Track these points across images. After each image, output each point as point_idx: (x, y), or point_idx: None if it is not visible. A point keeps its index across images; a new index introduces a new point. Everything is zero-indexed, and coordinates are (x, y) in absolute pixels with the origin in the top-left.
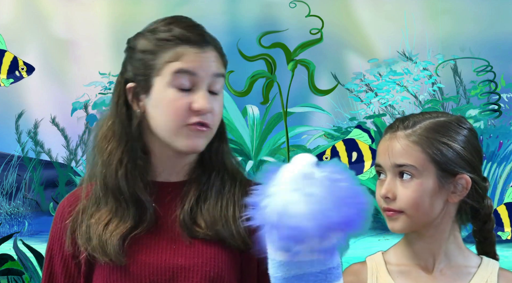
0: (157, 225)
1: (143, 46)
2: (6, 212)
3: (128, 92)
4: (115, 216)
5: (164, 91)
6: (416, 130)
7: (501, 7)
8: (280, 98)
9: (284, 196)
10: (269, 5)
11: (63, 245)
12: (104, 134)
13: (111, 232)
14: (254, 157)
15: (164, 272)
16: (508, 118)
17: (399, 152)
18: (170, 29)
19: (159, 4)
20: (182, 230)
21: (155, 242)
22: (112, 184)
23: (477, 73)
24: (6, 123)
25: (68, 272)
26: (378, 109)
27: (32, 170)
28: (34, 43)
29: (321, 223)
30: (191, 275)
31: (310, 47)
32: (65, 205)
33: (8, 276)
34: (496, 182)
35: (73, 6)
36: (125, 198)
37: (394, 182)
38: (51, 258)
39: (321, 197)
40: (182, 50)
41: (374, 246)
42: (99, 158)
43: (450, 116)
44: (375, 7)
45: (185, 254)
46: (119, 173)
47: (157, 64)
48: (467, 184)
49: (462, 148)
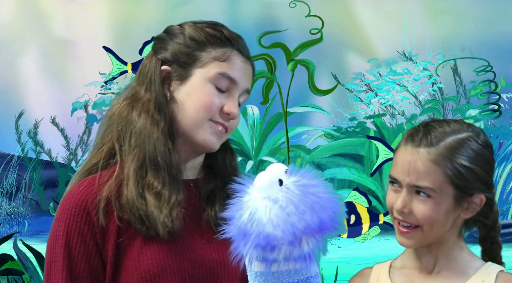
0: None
1: (192, 34)
2: (6, 212)
3: (161, 73)
4: (164, 188)
5: (203, 84)
6: (439, 148)
7: (501, 7)
8: (280, 98)
9: (254, 205)
10: (269, 5)
11: (87, 237)
12: (142, 101)
13: (168, 201)
14: (254, 157)
15: (200, 266)
16: (508, 118)
17: (421, 173)
18: (221, 29)
19: (159, 4)
20: (207, 225)
21: (186, 234)
22: (163, 151)
23: (477, 73)
24: (6, 123)
25: (91, 265)
26: (378, 109)
27: (32, 170)
28: (34, 43)
29: (289, 229)
30: (226, 270)
31: (310, 47)
32: (81, 193)
33: (8, 276)
34: (496, 182)
35: (73, 6)
36: (176, 174)
37: (410, 197)
38: (70, 253)
39: (289, 203)
40: (231, 54)
41: (374, 246)
42: (136, 122)
43: (469, 131)
44: (375, 7)
45: (217, 249)
46: (168, 145)
47: (203, 56)
48: (481, 202)
49: (480, 169)
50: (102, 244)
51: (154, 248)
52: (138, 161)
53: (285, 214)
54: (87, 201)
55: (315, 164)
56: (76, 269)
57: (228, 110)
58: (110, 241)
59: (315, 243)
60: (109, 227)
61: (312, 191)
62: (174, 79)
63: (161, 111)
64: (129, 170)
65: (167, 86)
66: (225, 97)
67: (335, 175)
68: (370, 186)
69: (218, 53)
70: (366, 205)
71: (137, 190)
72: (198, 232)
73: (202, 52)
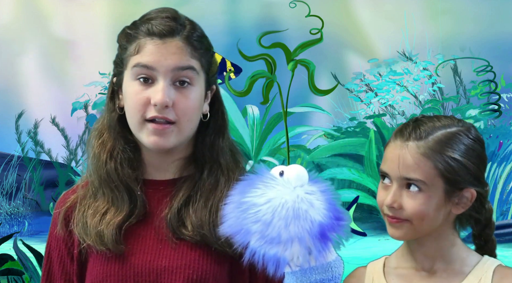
0: (146, 223)
1: (119, 40)
2: (6, 212)
3: (112, 87)
4: (112, 205)
5: (129, 85)
6: (428, 142)
7: (501, 7)
8: (280, 98)
9: (291, 196)
10: (269, 5)
11: (60, 242)
12: (98, 129)
13: (108, 222)
14: (254, 157)
15: (148, 273)
16: (508, 118)
17: (411, 166)
18: (139, 22)
19: (159, 4)
20: (168, 230)
21: (142, 239)
22: (103, 174)
23: (477, 73)
24: (6, 123)
25: (65, 269)
26: (378, 109)
27: (32, 170)
28: (34, 43)
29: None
30: (174, 277)
31: (310, 47)
32: (61, 200)
33: (8, 276)
34: (496, 182)
35: (73, 6)
36: (117, 185)
37: (400, 192)
38: (49, 255)
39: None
40: (143, 42)
41: (374, 246)
42: (91, 151)
43: (459, 125)
44: (375, 7)
45: (170, 256)
46: (110, 164)
47: (125, 58)
48: (472, 197)
49: (471, 163)
50: (72, 246)
51: (103, 256)
52: (88, 188)
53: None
54: (62, 208)
55: (315, 164)
56: (52, 271)
57: (153, 101)
58: (75, 248)
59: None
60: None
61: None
62: (119, 88)
63: (111, 129)
64: (79, 197)
65: (118, 97)
66: (152, 88)
67: (335, 175)
68: (370, 186)
69: (131, 48)
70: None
71: (86, 212)
72: (154, 236)
73: (124, 54)
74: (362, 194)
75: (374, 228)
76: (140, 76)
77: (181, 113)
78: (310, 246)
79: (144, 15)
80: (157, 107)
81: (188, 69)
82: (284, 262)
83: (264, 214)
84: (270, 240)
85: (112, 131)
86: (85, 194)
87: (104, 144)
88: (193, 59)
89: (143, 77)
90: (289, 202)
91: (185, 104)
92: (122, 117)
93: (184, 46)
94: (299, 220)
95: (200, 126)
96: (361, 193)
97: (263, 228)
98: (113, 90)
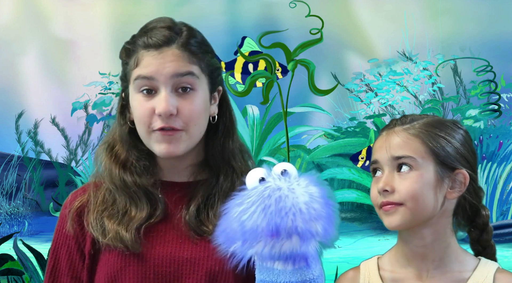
0: (165, 222)
1: (121, 56)
2: (6, 212)
3: (121, 101)
4: (131, 207)
5: (134, 99)
6: (414, 125)
7: (501, 7)
8: (280, 98)
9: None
10: (269, 5)
11: (69, 239)
12: (108, 142)
13: (127, 223)
14: (254, 157)
15: (169, 264)
16: (508, 118)
17: (398, 144)
18: (137, 36)
19: (159, 4)
20: (188, 229)
21: (162, 234)
22: (118, 182)
23: (477, 73)
24: (6, 123)
25: (73, 265)
26: (378, 109)
27: (32, 170)
28: (34, 43)
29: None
30: (195, 269)
31: (310, 47)
32: (71, 199)
33: (8, 276)
34: (496, 182)
35: (73, 6)
36: (135, 191)
37: (392, 175)
38: (55, 252)
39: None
40: (140, 55)
41: (374, 246)
42: (102, 164)
43: (447, 119)
44: (375, 7)
45: (191, 248)
46: (125, 174)
47: (127, 72)
48: (465, 179)
49: (460, 145)
50: (83, 242)
51: (120, 249)
52: (101, 190)
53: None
54: (71, 206)
55: (315, 164)
56: (58, 268)
57: (157, 110)
58: (88, 244)
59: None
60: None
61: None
62: (127, 103)
63: (123, 141)
64: (91, 198)
65: (128, 111)
66: (155, 98)
67: (335, 175)
68: (368, 184)
69: (131, 62)
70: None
71: (102, 214)
72: (174, 233)
73: (126, 69)
74: (362, 194)
75: (374, 228)
76: (142, 88)
77: (187, 120)
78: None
79: (141, 28)
80: (162, 117)
81: (187, 75)
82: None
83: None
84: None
85: (124, 143)
86: (97, 195)
87: (117, 156)
88: (192, 65)
89: (146, 89)
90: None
91: (190, 110)
92: (133, 130)
93: (181, 53)
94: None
95: (208, 129)
96: (361, 193)
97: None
98: (122, 105)
